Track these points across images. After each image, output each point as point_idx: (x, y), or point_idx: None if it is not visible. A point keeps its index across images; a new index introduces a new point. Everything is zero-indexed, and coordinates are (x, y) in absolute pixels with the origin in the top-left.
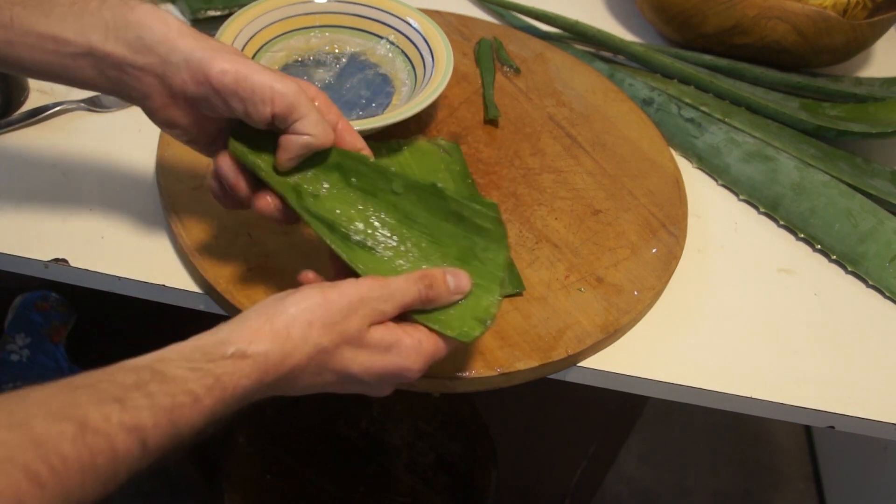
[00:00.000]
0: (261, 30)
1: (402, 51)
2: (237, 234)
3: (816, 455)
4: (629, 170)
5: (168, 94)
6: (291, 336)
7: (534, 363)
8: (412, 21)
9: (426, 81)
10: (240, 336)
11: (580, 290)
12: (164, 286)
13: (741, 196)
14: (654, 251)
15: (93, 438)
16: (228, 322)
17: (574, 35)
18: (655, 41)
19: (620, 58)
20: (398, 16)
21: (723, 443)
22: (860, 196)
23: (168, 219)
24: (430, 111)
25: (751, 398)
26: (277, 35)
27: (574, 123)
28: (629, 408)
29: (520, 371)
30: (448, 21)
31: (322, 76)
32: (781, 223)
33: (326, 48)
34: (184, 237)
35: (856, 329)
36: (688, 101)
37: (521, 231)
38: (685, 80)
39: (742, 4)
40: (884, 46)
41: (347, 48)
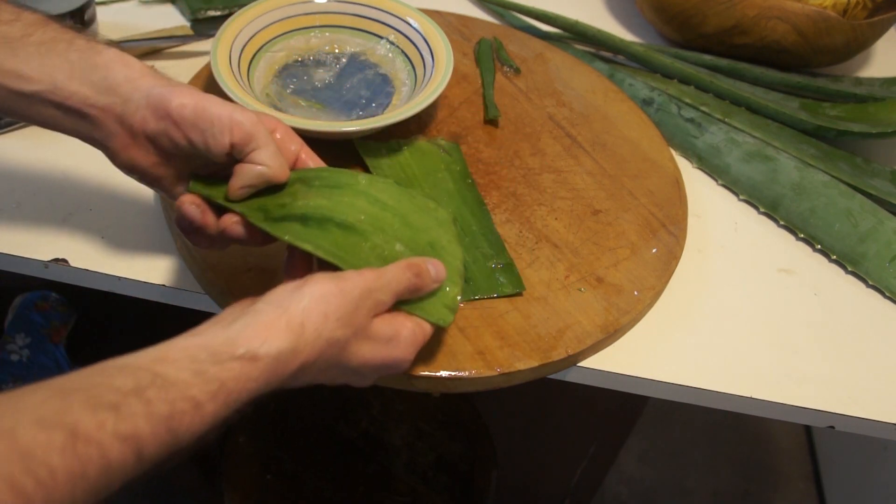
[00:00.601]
0: (261, 30)
1: (402, 51)
2: None
3: (816, 455)
4: (629, 170)
5: (129, 135)
6: (305, 331)
7: (534, 363)
8: (412, 21)
9: (426, 81)
10: (253, 334)
11: (580, 290)
12: (164, 286)
13: (741, 196)
14: (654, 251)
15: (84, 448)
16: (242, 315)
17: (574, 35)
18: (655, 41)
19: (620, 58)
20: (398, 16)
21: (723, 443)
22: (860, 196)
23: (168, 219)
24: (430, 111)
25: (751, 398)
26: (277, 35)
27: (574, 123)
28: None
29: (520, 371)
30: (448, 21)
31: (322, 76)
32: (781, 223)
33: (326, 48)
34: (184, 237)
35: (856, 329)
36: (688, 101)
37: (521, 231)
38: (685, 80)
39: (742, 4)
40: (884, 46)
41: (347, 48)
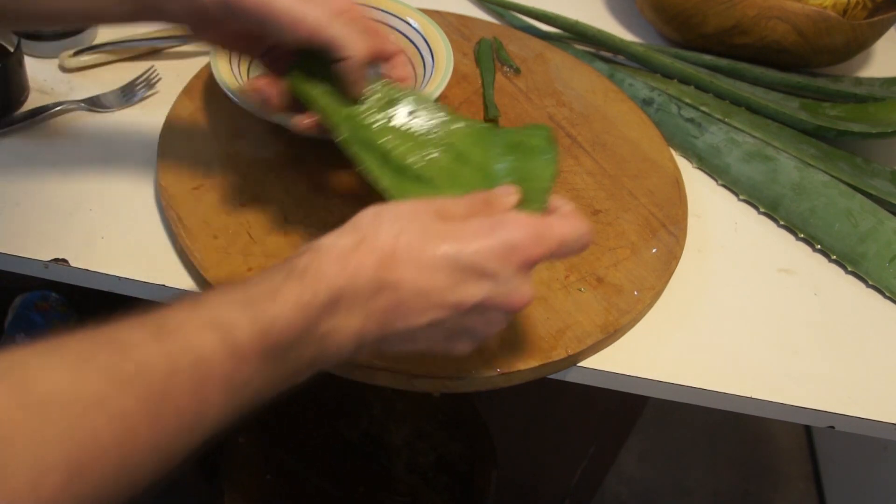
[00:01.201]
0: None
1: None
2: (237, 234)
3: (816, 455)
4: (629, 170)
5: (199, 17)
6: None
7: (534, 363)
8: (412, 21)
9: (426, 81)
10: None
11: (580, 290)
12: (164, 286)
13: (741, 196)
14: (654, 251)
15: (170, 338)
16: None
17: (574, 35)
18: (655, 41)
19: (620, 58)
20: (398, 16)
21: (723, 443)
22: (860, 196)
23: (168, 219)
24: None
25: (751, 398)
26: None
27: (574, 123)
28: (629, 408)
29: (520, 371)
30: (448, 21)
31: None
32: (781, 223)
33: None
34: (184, 237)
35: (856, 329)
36: (688, 101)
37: None
38: (685, 80)
39: (742, 4)
40: (884, 46)
41: None
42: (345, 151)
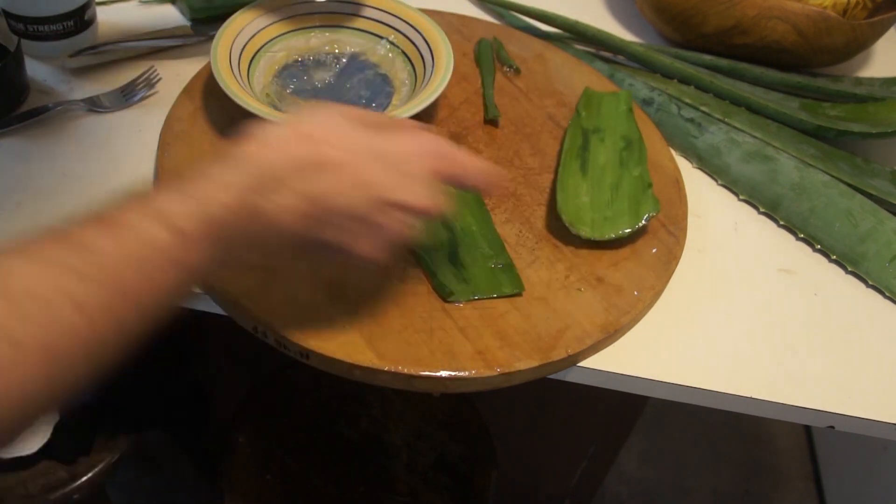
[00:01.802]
0: (261, 30)
1: (403, 51)
2: None
3: (816, 455)
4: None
5: None
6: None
7: (534, 363)
8: (412, 21)
9: (426, 81)
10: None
11: (580, 290)
12: None
13: (741, 196)
14: (654, 251)
15: (117, 229)
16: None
17: (574, 35)
18: (655, 41)
19: (620, 58)
20: (398, 16)
21: (723, 443)
22: (860, 196)
23: None
24: (430, 111)
25: (751, 398)
26: (277, 35)
27: None
28: (629, 408)
29: (520, 371)
30: (448, 21)
31: (322, 76)
32: (781, 223)
33: (326, 48)
34: None
35: (856, 329)
36: (688, 101)
37: (521, 231)
38: (685, 80)
39: (742, 4)
40: (884, 46)
41: (347, 48)
42: None
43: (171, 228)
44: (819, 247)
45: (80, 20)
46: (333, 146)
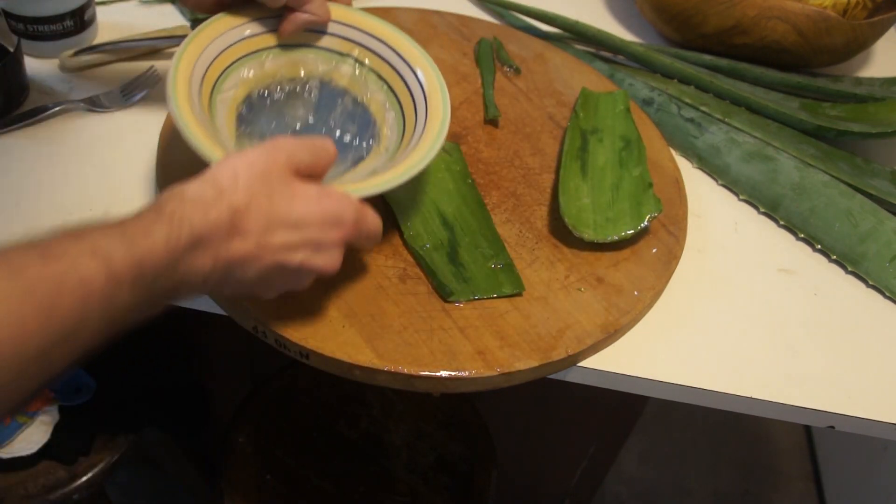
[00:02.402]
0: (211, 64)
1: (374, 69)
2: None
3: (816, 455)
4: None
5: None
6: (223, 180)
7: (534, 363)
8: (380, 35)
9: (419, 108)
10: (167, 194)
11: (580, 290)
12: None
13: (741, 196)
14: (654, 251)
15: (56, 262)
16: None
17: (574, 35)
18: (655, 41)
19: (620, 58)
20: (362, 29)
21: (723, 443)
22: (860, 196)
23: None
24: None
25: (751, 398)
26: (227, 66)
27: None
28: (629, 408)
29: (520, 371)
30: (448, 21)
31: (297, 113)
32: (781, 223)
33: (286, 73)
34: None
35: (856, 329)
36: (688, 101)
37: (521, 231)
38: (685, 80)
39: (742, 4)
40: (884, 46)
41: (311, 71)
42: None
43: (106, 266)
44: (819, 247)
45: (80, 20)
46: (254, 219)
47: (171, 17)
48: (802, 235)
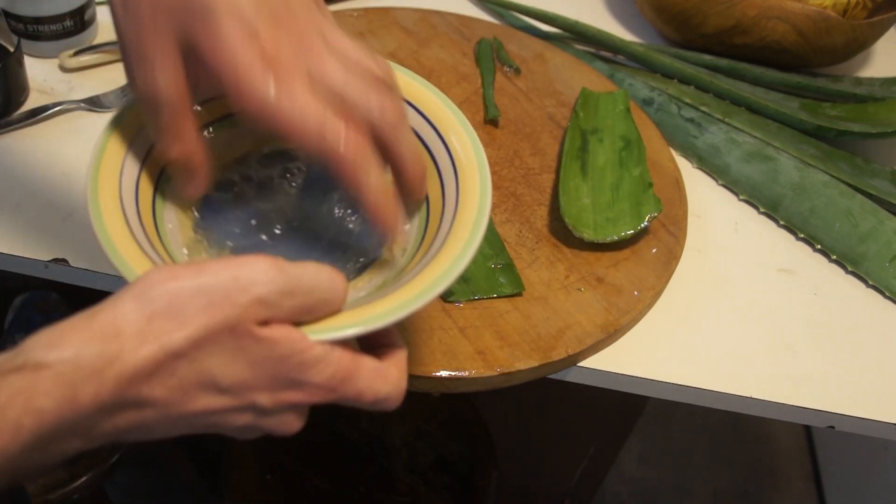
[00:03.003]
0: (143, 166)
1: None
2: None
3: (816, 455)
4: None
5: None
6: (122, 332)
7: (534, 363)
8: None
9: (448, 190)
10: (46, 339)
11: (580, 290)
12: None
13: (741, 196)
14: (654, 251)
15: None
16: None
17: (574, 35)
18: (655, 41)
19: (620, 58)
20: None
21: (723, 443)
22: (860, 196)
23: None
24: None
25: (751, 398)
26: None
27: None
28: (629, 408)
29: (520, 371)
30: (448, 21)
31: (283, 209)
32: (781, 223)
33: (259, 149)
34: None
35: (856, 329)
36: (688, 101)
37: (521, 231)
38: (685, 80)
39: (742, 4)
40: (884, 46)
41: (271, 148)
42: None
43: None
44: (819, 247)
45: (80, 20)
46: (148, 385)
47: None
48: (802, 235)
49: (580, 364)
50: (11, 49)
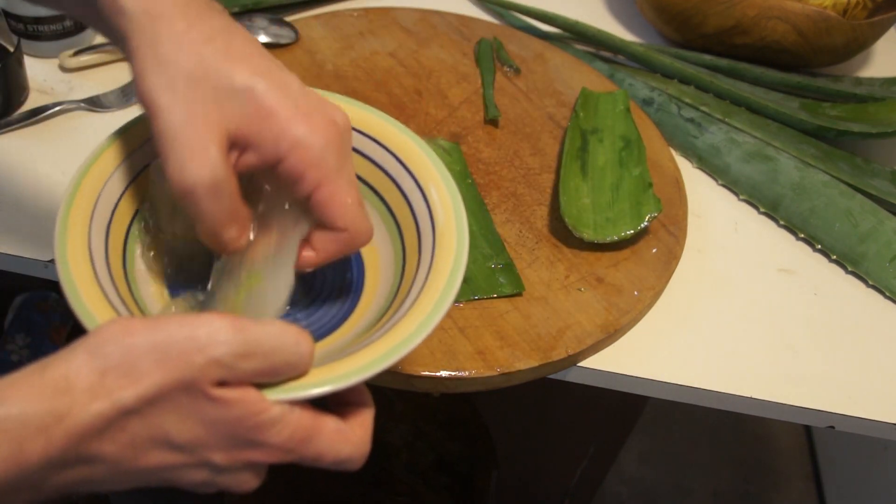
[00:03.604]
0: (126, 190)
1: (366, 182)
2: None
3: (816, 455)
4: None
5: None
6: (73, 387)
7: (534, 363)
8: (377, 134)
9: (425, 242)
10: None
11: (580, 290)
12: None
13: (741, 196)
14: (654, 251)
15: None
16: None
17: (574, 35)
18: (655, 41)
19: (620, 58)
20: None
21: (723, 443)
22: (860, 196)
23: None
24: (431, 111)
25: (751, 398)
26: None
27: None
28: (629, 408)
29: (520, 371)
30: (448, 21)
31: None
32: (781, 223)
33: None
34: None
35: (856, 329)
36: (688, 101)
37: (521, 231)
38: (685, 80)
39: (742, 4)
40: (884, 46)
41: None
42: None
43: None
44: (819, 247)
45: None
46: (99, 441)
47: None
48: (802, 235)
49: (580, 364)
50: (11, 49)
